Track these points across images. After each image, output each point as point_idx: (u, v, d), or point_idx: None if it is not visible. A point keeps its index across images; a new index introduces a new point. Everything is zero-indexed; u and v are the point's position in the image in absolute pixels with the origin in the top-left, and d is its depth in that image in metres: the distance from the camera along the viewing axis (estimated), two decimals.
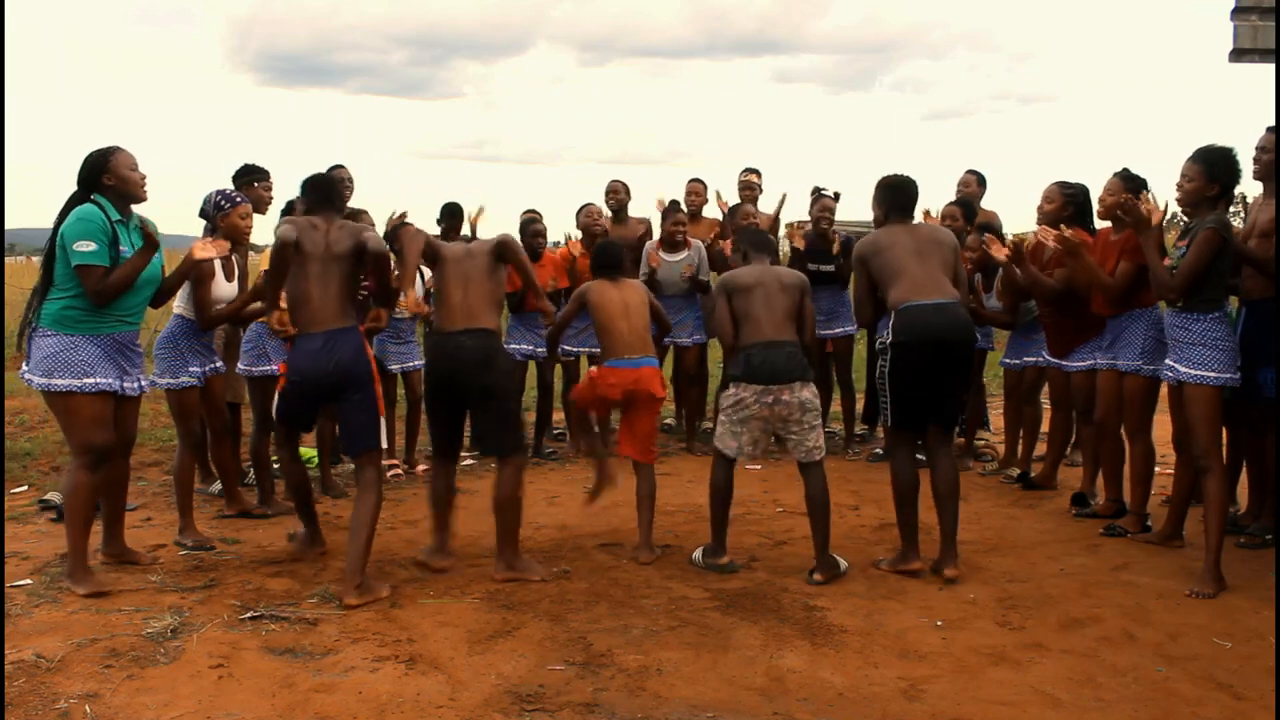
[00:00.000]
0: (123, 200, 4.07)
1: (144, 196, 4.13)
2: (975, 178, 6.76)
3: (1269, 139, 4.34)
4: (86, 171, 4.03)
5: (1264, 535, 4.64)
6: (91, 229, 3.91)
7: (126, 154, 4.08)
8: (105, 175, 4.02)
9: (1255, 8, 5.80)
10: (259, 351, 5.29)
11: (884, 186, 4.46)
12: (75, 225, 3.92)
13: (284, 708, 3.05)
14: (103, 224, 3.94)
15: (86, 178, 4.03)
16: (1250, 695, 3.14)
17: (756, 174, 7.06)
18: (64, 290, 3.95)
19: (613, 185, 7.07)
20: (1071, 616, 3.80)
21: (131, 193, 4.08)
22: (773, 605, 3.92)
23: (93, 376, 3.95)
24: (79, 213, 3.95)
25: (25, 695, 3.09)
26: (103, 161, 4.02)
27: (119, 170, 4.03)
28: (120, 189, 4.05)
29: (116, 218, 4.02)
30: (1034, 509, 5.36)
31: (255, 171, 5.59)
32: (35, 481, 5.94)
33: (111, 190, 4.03)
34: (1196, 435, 4.07)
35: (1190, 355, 4.07)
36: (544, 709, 3.05)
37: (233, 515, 5.18)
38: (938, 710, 3.06)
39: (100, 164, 4.02)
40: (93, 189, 4.02)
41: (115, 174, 4.03)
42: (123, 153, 4.07)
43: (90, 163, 4.03)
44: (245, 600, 3.94)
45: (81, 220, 3.93)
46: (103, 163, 4.02)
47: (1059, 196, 5.19)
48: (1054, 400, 5.65)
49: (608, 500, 5.55)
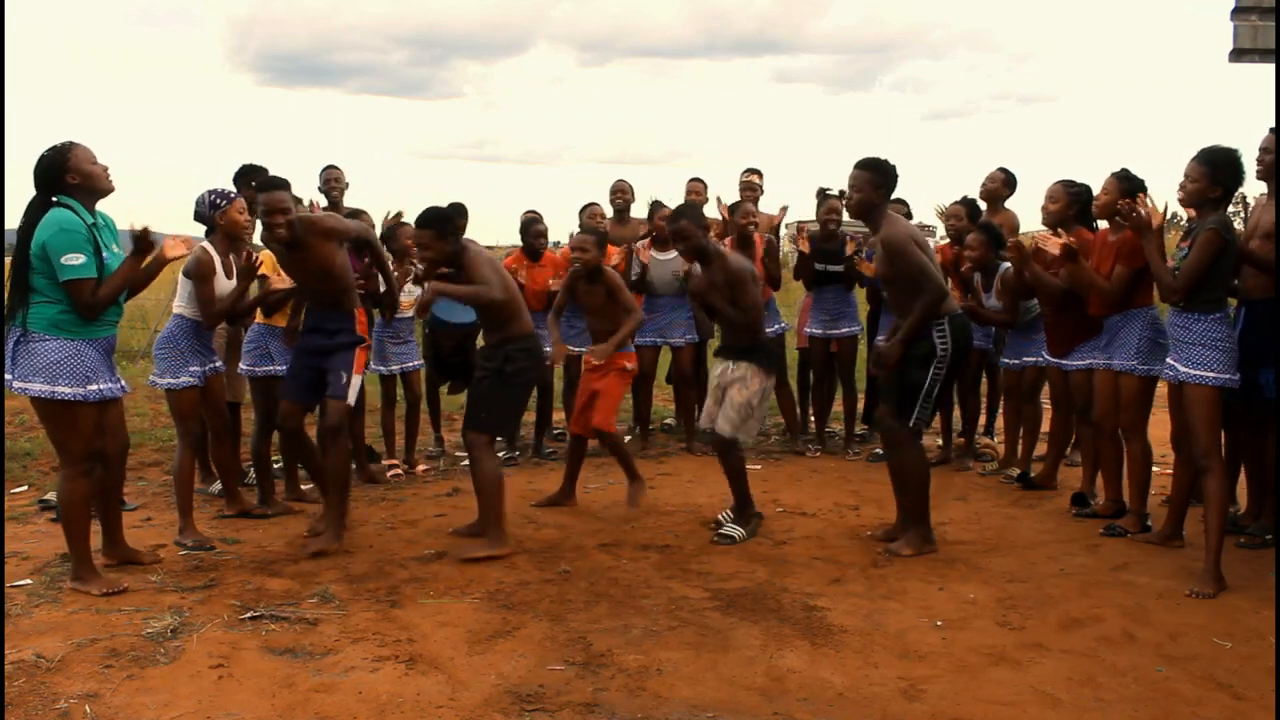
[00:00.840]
0: (90, 196, 3.92)
1: (111, 188, 3.98)
2: (1004, 176, 6.61)
3: (1271, 140, 4.34)
4: (44, 173, 3.83)
5: (1264, 535, 4.63)
6: (77, 240, 3.77)
7: (83, 148, 3.91)
8: (68, 174, 3.85)
9: (1255, 8, 5.80)
10: (261, 351, 5.28)
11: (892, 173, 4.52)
12: (60, 236, 3.76)
13: (284, 708, 3.05)
14: (85, 232, 3.81)
15: (46, 179, 3.84)
16: (1250, 695, 3.14)
17: (758, 174, 7.06)
18: (51, 297, 3.82)
19: (619, 185, 7.06)
20: (1071, 616, 3.80)
21: (98, 187, 3.93)
22: (773, 605, 3.92)
23: (95, 383, 3.90)
24: (59, 222, 3.78)
25: (25, 695, 3.09)
26: (61, 160, 3.84)
27: (81, 166, 3.87)
28: (86, 185, 3.89)
29: (90, 220, 3.89)
30: (1034, 509, 5.35)
31: (255, 171, 5.59)
32: (35, 481, 5.94)
33: (76, 188, 3.87)
34: (1196, 435, 4.07)
35: (1190, 355, 4.07)
36: (544, 709, 3.05)
37: (233, 515, 5.17)
38: (938, 710, 3.06)
39: (59, 163, 3.83)
40: (54, 190, 3.85)
41: (78, 170, 3.86)
42: (79, 147, 3.90)
43: (47, 163, 3.83)
44: (245, 600, 3.94)
45: (65, 231, 3.77)
46: (62, 161, 3.84)
47: (1064, 195, 5.19)
48: (1054, 400, 5.65)
49: (608, 500, 5.56)
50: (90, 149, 3.93)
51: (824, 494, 5.63)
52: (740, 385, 4.79)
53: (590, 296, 5.27)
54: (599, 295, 5.24)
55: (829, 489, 5.77)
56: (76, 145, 3.91)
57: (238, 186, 5.36)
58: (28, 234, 3.82)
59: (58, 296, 3.83)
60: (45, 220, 3.80)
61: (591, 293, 5.25)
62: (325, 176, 6.40)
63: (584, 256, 5.17)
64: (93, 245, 3.85)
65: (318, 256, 4.60)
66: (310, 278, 4.69)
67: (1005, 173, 6.59)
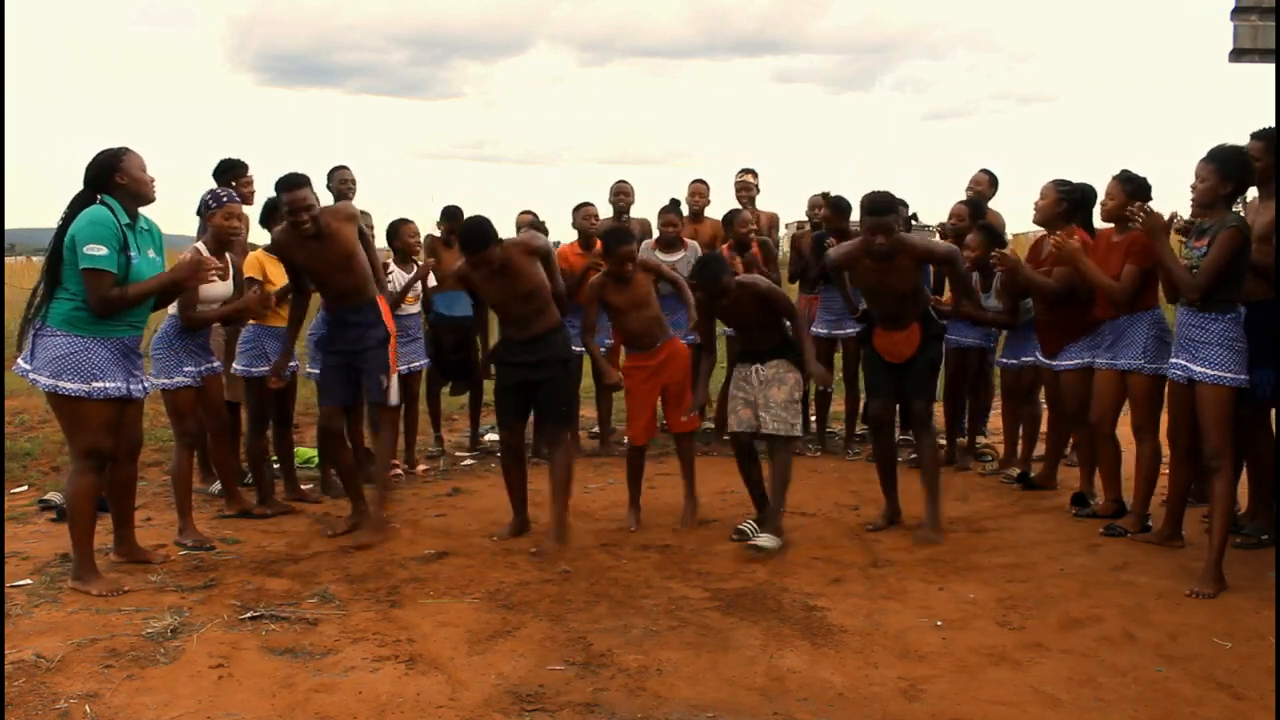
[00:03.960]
0: (133, 201, 4.04)
1: (154, 197, 4.11)
2: (988, 177, 6.74)
3: (1255, 147, 4.36)
4: (96, 171, 3.98)
5: (1259, 535, 4.64)
6: (104, 233, 3.87)
7: (137, 155, 4.05)
8: (118, 175, 3.98)
9: (1255, 8, 5.81)
10: (257, 352, 5.28)
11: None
12: (88, 228, 3.87)
13: (284, 708, 3.05)
14: (115, 228, 3.90)
15: (96, 177, 3.98)
16: (1250, 695, 3.14)
17: (753, 174, 7.05)
18: (74, 291, 3.91)
19: (622, 186, 7.02)
20: (1071, 616, 3.80)
21: (143, 194, 4.06)
22: (773, 605, 3.92)
23: (101, 381, 3.92)
24: (91, 215, 3.90)
25: (25, 695, 3.09)
26: (114, 161, 3.99)
27: (131, 171, 4.00)
28: (132, 189, 4.01)
29: (126, 221, 3.98)
30: (1034, 509, 5.35)
31: (235, 167, 5.58)
32: (35, 481, 5.94)
33: (122, 190, 3.99)
34: (1209, 436, 4.06)
35: (1207, 355, 4.05)
36: (544, 709, 3.05)
37: (233, 515, 5.18)
38: (938, 710, 3.06)
39: (112, 164, 3.98)
40: (101, 189, 3.98)
41: (128, 174, 3.99)
42: (133, 154, 4.04)
43: (101, 162, 3.99)
44: (245, 600, 3.94)
45: (94, 223, 3.88)
46: (114, 163, 3.98)
47: (1053, 194, 5.20)
48: (1049, 400, 5.65)
49: (607, 500, 5.56)
50: (142, 157, 4.08)
51: (824, 494, 5.63)
52: (778, 384, 4.83)
53: (629, 292, 5.03)
54: (641, 288, 5.02)
55: (829, 489, 5.77)
56: (131, 151, 4.07)
57: (218, 183, 5.36)
58: (65, 228, 3.93)
59: (77, 291, 3.91)
60: (81, 215, 3.92)
61: (630, 289, 5.01)
62: (338, 178, 6.38)
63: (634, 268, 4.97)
64: (120, 243, 3.91)
65: (339, 243, 4.70)
66: (331, 268, 4.74)
67: (989, 174, 6.75)
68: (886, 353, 4.93)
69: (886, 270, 4.75)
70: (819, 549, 4.66)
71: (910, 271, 4.81)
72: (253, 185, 5.68)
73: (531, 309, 4.70)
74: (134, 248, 3.99)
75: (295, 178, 4.60)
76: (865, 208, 4.72)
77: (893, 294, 4.83)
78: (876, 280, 4.83)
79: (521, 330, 4.75)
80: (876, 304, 4.96)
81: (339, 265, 4.73)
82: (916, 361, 4.89)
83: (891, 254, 4.69)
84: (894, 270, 4.76)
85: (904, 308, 4.85)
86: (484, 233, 4.53)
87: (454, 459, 6.65)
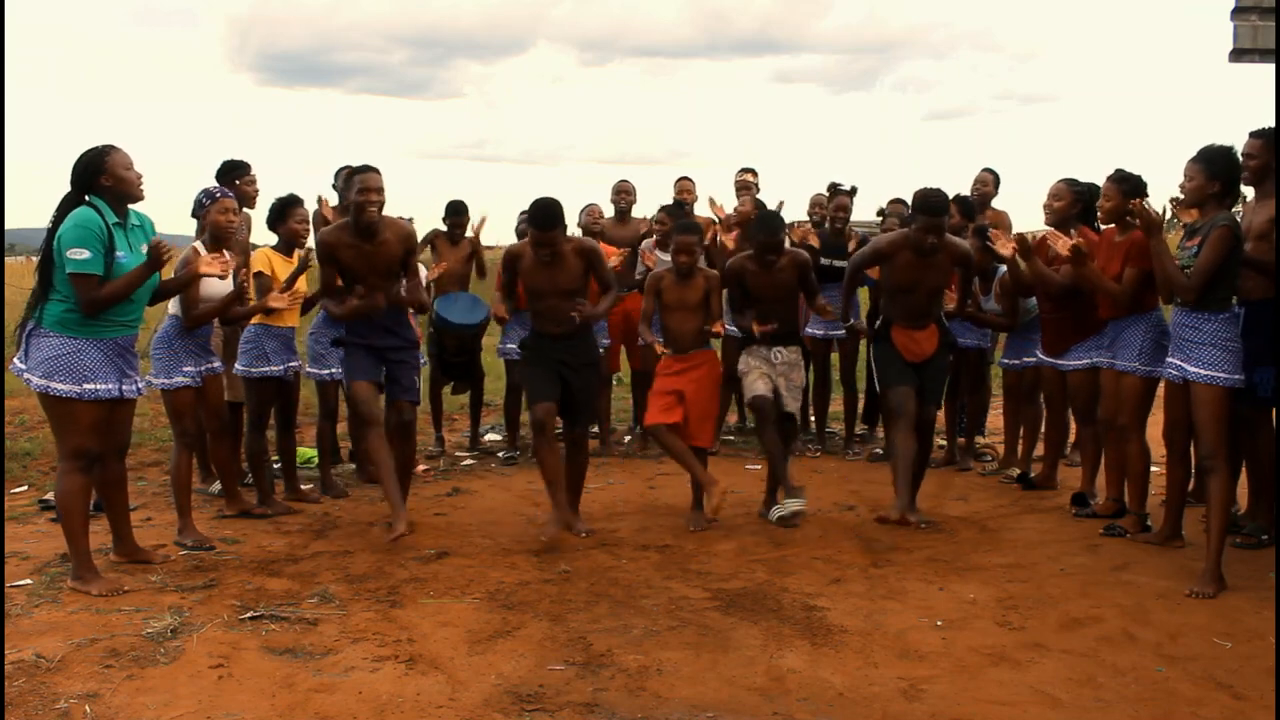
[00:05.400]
0: (119, 201, 4.00)
1: (141, 196, 4.07)
2: (992, 177, 6.79)
3: (1254, 145, 4.36)
4: (81, 172, 3.94)
5: (1259, 535, 4.64)
6: (87, 236, 3.83)
7: (122, 153, 3.99)
8: (102, 176, 3.93)
9: (1255, 8, 5.81)
10: (258, 352, 5.27)
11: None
12: (71, 231, 3.83)
13: (284, 708, 3.05)
14: (99, 230, 3.87)
15: (81, 178, 3.94)
16: (1250, 695, 3.14)
17: (752, 173, 7.05)
18: (65, 294, 3.90)
19: (625, 186, 7.03)
20: (1071, 616, 3.80)
21: (128, 193, 4.01)
22: (773, 605, 3.92)
23: (92, 383, 3.91)
24: (76, 218, 3.86)
25: (25, 695, 3.09)
26: (98, 161, 3.94)
27: (115, 170, 3.95)
28: (117, 189, 3.97)
29: (114, 220, 3.96)
30: (1034, 509, 5.35)
31: (237, 167, 5.58)
32: (35, 481, 5.94)
33: (108, 191, 3.95)
34: (1204, 436, 4.07)
35: (1201, 356, 4.06)
36: (544, 709, 3.05)
37: (233, 515, 5.17)
38: (938, 710, 3.06)
39: (96, 164, 3.93)
40: (87, 190, 3.94)
41: (112, 174, 3.94)
42: (118, 152, 3.99)
43: (85, 163, 3.94)
44: (245, 600, 3.94)
45: (78, 226, 3.84)
46: (98, 162, 3.93)
47: (1067, 194, 5.18)
48: (1047, 399, 5.65)
49: (607, 500, 5.56)
50: (128, 155, 4.03)
51: (824, 494, 5.63)
52: (798, 369, 5.12)
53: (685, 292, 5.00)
54: (696, 292, 4.98)
55: (829, 489, 5.77)
56: (115, 149, 4.00)
57: (221, 184, 5.36)
58: (54, 230, 3.91)
59: (68, 293, 3.90)
60: (68, 218, 3.90)
61: (687, 289, 4.99)
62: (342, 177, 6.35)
63: (690, 260, 4.93)
64: (105, 245, 3.89)
65: (388, 253, 4.74)
66: (375, 274, 4.75)
67: (992, 173, 6.81)
68: (906, 349, 4.96)
69: (927, 266, 4.88)
70: (819, 549, 4.66)
71: (947, 269, 4.98)
72: (256, 185, 5.68)
73: (568, 308, 4.73)
74: (123, 247, 3.96)
75: (368, 165, 4.71)
76: (920, 206, 4.82)
77: (925, 290, 4.96)
78: (914, 275, 4.92)
79: (556, 325, 4.78)
80: (902, 301, 5.01)
81: (383, 272, 4.75)
82: (935, 361, 5.03)
83: (935, 250, 4.85)
84: (933, 267, 4.90)
85: (930, 306, 5.00)
86: (557, 213, 4.63)
87: (454, 459, 6.65)
